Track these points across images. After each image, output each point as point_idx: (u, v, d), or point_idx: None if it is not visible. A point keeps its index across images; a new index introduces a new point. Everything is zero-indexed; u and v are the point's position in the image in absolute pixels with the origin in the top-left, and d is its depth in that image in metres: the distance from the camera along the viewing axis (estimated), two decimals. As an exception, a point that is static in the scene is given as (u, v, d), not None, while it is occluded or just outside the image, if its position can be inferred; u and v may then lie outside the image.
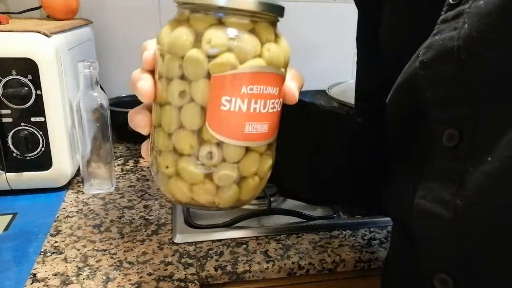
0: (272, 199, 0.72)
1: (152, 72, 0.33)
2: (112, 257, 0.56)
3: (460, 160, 0.32)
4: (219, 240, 0.61)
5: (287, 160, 0.42)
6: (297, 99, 0.35)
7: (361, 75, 0.60)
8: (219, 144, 0.30)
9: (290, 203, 0.76)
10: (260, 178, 0.33)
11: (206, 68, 0.29)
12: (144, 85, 0.32)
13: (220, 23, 0.29)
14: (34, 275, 0.52)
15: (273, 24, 0.31)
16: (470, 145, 0.31)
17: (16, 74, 0.65)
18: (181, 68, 0.30)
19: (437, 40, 0.32)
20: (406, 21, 0.43)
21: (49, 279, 0.52)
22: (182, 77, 0.30)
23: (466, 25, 0.30)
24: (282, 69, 0.32)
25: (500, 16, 0.28)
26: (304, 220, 0.68)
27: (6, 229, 0.62)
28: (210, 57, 0.29)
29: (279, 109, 0.33)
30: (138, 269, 0.54)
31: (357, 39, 0.56)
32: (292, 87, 0.35)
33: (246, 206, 0.72)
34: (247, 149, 0.31)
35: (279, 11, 0.31)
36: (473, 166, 0.30)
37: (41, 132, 0.68)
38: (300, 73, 0.37)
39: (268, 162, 0.34)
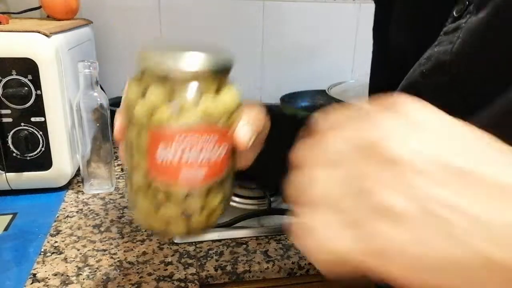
0: (272, 199, 0.72)
1: None
2: (112, 257, 0.56)
3: None
4: (219, 240, 0.61)
5: (264, 163, 0.43)
6: (248, 146, 0.35)
7: (374, 69, 0.60)
8: (162, 185, 0.34)
9: (290, 203, 0.76)
10: (208, 212, 0.36)
11: (145, 122, 0.33)
12: (115, 124, 0.36)
13: (164, 79, 0.33)
14: (34, 275, 0.52)
15: (217, 77, 0.34)
16: None
17: (16, 74, 0.65)
18: (132, 119, 0.34)
19: (435, 53, 0.33)
20: (414, 21, 0.43)
21: (49, 279, 0.52)
22: (133, 127, 0.34)
23: (460, 40, 0.31)
24: (221, 120, 0.34)
25: (485, 33, 0.29)
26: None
27: (6, 229, 0.62)
28: (150, 112, 0.33)
29: (222, 154, 0.35)
30: (138, 269, 0.54)
31: (373, 31, 0.56)
32: (241, 135, 0.35)
33: (246, 206, 0.72)
34: (191, 190, 0.35)
35: (222, 66, 0.34)
36: None
37: (41, 132, 0.68)
38: (258, 116, 0.37)
39: (215, 198, 0.37)
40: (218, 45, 0.34)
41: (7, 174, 0.69)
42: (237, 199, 0.73)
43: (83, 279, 0.52)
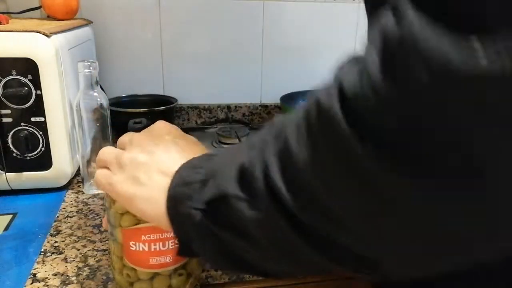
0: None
1: None
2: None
3: None
4: (219, 240, 0.61)
5: None
6: None
7: None
8: (134, 268, 0.45)
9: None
10: None
11: (117, 224, 0.44)
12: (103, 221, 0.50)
13: None
14: (34, 275, 0.52)
15: None
16: None
17: (16, 74, 0.65)
18: (109, 216, 0.46)
19: None
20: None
21: (49, 279, 0.52)
22: (111, 223, 0.46)
23: None
24: None
25: None
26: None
27: (6, 229, 0.62)
28: (119, 217, 0.44)
29: None
30: (138, 269, 0.54)
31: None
32: None
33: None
34: (157, 273, 0.45)
35: None
36: None
37: (41, 132, 0.68)
38: None
39: (182, 277, 0.46)
40: None
41: (7, 174, 0.69)
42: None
43: (83, 279, 0.52)
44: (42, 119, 0.68)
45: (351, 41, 1.18)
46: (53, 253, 0.57)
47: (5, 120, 0.66)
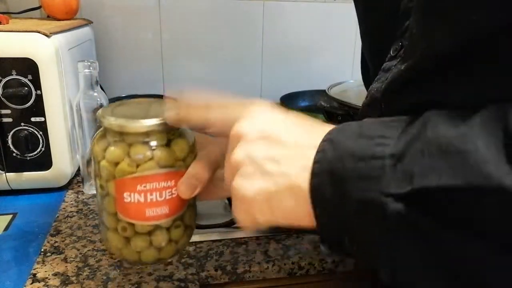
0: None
1: None
2: (112, 257, 0.56)
3: None
4: (219, 240, 0.61)
5: None
6: (190, 196, 0.41)
7: (361, 70, 0.62)
8: (130, 223, 0.41)
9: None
10: (176, 242, 0.43)
11: (110, 174, 0.40)
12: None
13: (122, 137, 0.39)
14: (34, 275, 0.52)
15: (165, 132, 0.40)
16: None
17: (16, 74, 0.65)
18: (99, 170, 0.41)
19: (372, 88, 0.39)
20: (367, 37, 0.48)
21: (49, 279, 0.52)
22: (101, 177, 0.41)
23: (388, 81, 0.36)
24: (175, 167, 0.40)
25: (403, 83, 0.34)
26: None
27: (6, 229, 0.62)
28: (113, 166, 0.39)
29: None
30: (138, 269, 0.54)
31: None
32: (181, 190, 0.41)
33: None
34: (156, 225, 0.41)
35: (168, 128, 0.40)
36: None
37: (41, 132, 0.68)
38: (209, 160, 0.42)
39: (179, 229, 0.43)
40: (168, 101, 0.41)
41: (7, 174, 0.69)
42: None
43: (83, 279, 0.52)
44: (42, 119, 0.68)
45: (351, 41, 1.18)
46: (53, 253, 0.57)
47: (5, 120, 0.66)
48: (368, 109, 0.40)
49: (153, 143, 0.39)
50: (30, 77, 0.65)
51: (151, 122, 0.39)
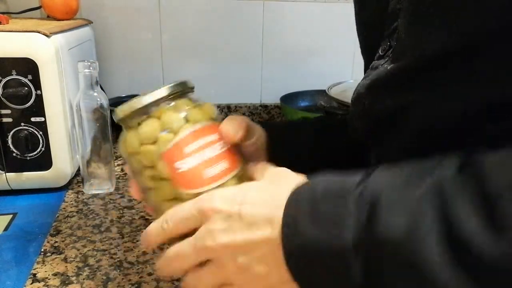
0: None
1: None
2: (112, 257, 0.56)
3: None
4: (219, 240, 0.61)
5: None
6: (232, 137, 0.40)
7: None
8: (197, 194, 0.37)
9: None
10: None
11: (155, 154, 0.37)
12: (130, 191, 0.43)
13: (147, 116, 0.38)
14: (34, 275, 0.52)
15: (185, 95, 0.40)
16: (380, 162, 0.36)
17: (16, 74, 0.65)
18: (140, 161, 0.38)
19: (359, 84, 0.40)
20: (362, 34, 0.49)
21: (49, 279, 0.52)
22: (145, 167, 0.38)
23: (373, 78, 0.37)
24: (212, 119, 0.40)
25: (386, 83, 0.36)
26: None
27: (6, 229, 0.62)
28: (154, 144, 0.37)
29: (228, 146, 0.40)
30: (138, 269, 0.54)
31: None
32: (225, 129, 0.40)
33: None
34: (221, 185, 0.38)
35: (185, 85, 0.40)
36: None
37: (41, 132, 0.68)
38: (238, 117, 0.43)
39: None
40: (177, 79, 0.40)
41: (7, 174, 0.69)
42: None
43: (83, 279, 0.52)
44: (42, 119, 0.68)
45: (351, 41, 1.18)
46: (53, 253, 0.57)
47: (5, 120, 0.66)
48: (353, 105, 0.41)
49: (178, 108, 0.38)
50: (30, 77, 0.65)
51: (169, 89, 0.38)
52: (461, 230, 0.24)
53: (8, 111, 0.66)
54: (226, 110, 1.17)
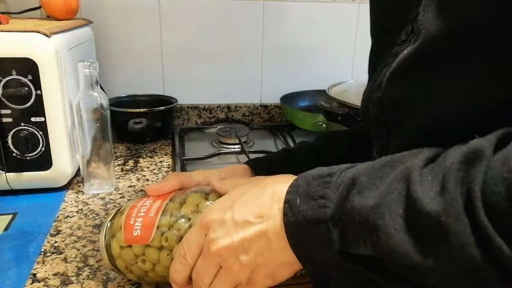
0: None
1: None
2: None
3: None
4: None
5: None
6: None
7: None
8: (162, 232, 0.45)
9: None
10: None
11: (120, 243, 0.46)
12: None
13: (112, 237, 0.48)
14: (34, 275, 0.52)
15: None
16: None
17: (16, 74, 0.65)
18: (124, 261, 0.47)
19: (381, 74, 0.41)
20: (376, 24, 0.49)
21: (49, 279, 0.52)
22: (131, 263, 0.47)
23: (395, 65, 0.38)
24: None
25: (409, 66, 0.36)
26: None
27: (6, 229, 0.62)
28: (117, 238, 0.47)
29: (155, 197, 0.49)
30: (138, 269, 0.54)
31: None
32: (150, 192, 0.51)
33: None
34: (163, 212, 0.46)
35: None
36: None
37: (41, 132, 0.68)
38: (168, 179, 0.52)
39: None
40: None
41: (7, 174, 0.69)
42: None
43: (83, 279, 0.52)
44: (42, 119, 0.68)
45: (351, 41, 1.18)
46: (53, 253, 0.57)
47: (5, 120, 0.66)
48: (374, 92, 0.42)
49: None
50: (30, 77, 0.65)
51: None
52: (416, 201, 0.27)
53: (8, 111, 0.66)
54: (226, 110, 1.17)
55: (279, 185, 0.38)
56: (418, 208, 0.27)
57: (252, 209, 0.38)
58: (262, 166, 0.57)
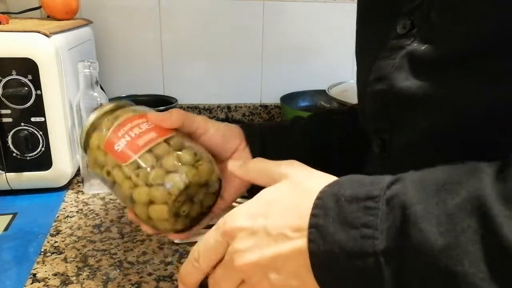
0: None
1: None
2: (112, 257, 0.56)
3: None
4: (219, 240, 0.61)
5: None
6: (158, 120, 0.45)
7: None
8: (136, 162, 0.43)
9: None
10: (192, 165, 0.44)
11: (100, 147, 0.45)
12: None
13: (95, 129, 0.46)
14: (34, 275, 0.52)
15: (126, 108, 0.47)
16: (389, 153, 0.39)
17: (16, 74, 0.65)
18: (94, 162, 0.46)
19: (379, 65, 0.39)
20: (363, 12, 0.48)
21: (49, 279, 0.52)
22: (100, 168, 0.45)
23: (398, 61, 0.37)
24: (136, 111, 0.46)
25: (432, 67, 0.34)
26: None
27: (6, 229, 0.62)
28: (99, 146, 0.45)
29: (155, 125, 0.45)
30: (138, 269, 0.54)
31: None
32: (150, 114, 0.46)
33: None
34: (153, 147, 0.44)
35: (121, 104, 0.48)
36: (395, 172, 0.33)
37: (41, 132, 0.68)
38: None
39: (185, 153, 0.44)
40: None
41: (7, 174, 0.69)
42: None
43: (83, 279, 0.52)
44: (42, 119, 0.68)
45: (351, 41, 1.18)
46: (53, 253, 0.57)
47: (5, 120, 0.66)
48: (372, 85, 0.40)
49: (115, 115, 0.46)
50: (30, 77, 0.65)
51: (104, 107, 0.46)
52: (504, 243, 0.23)
53: (8, 111, 0.66)
54: (226, 110, 1.17)
55: None
56: (507, 249, 0.23)
57: (290, 220, 0.32)
58: (256, 141, 0.51)
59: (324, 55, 1.19)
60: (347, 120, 0.59)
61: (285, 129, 0.56)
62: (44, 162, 0.69)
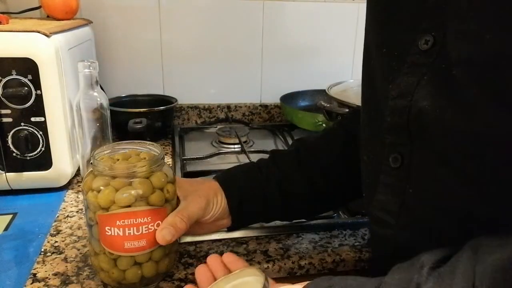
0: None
1: None
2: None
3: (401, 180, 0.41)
4: (219, 240, 0.61)
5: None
6: (168, 243, 0.47)
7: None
8: (116, 256, 0.47)
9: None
10: (156, 264, 0.49)
11: (98, 207, 0.46)
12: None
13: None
14: (34, 275, 0.52)
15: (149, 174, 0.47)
16: (408, 168, 0.39)
17: (16, 74, 0.65)
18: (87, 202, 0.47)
19: (402, 81, 0.39)
20: (381, 20, 0.48)
21: (49, 279, 0.52)
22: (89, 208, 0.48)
23: (426, 78, 0.37)
24: (151, 204, 0.46)
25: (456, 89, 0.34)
26: (304, 220, 0.68)
27: (6, 229, 0.62)
28: (97, 201, 0.46)
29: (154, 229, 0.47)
30: (138, 269, 0.54)
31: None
32: (159, 236, 0.47)
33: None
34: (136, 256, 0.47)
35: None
36: (411, 188, 0.37)
37: (41, 132, 0.68)
38: (189, 207, 0.50)
39: (152, 265, 0.49)
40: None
41: (7, 174, 0.69)
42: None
43: (83, 279, 0.52)
44: (42, 119, 0.68)
45: (351, 41, 1.18)
46: (53, 253, 0.57)
47: (5, 120, 0.66)
48: (396, 105, 0.40)
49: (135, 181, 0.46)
50: (30, 77, 0.65)
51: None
52: None
53: (8, 111, 0.66)
54: (226, 110, 1.17)
55: None
56: None
57: None
58: (235, 195, 0.55)
59: (324, 55, 1.19)
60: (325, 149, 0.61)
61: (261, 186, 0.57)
62: (44, 162, 0.69)
